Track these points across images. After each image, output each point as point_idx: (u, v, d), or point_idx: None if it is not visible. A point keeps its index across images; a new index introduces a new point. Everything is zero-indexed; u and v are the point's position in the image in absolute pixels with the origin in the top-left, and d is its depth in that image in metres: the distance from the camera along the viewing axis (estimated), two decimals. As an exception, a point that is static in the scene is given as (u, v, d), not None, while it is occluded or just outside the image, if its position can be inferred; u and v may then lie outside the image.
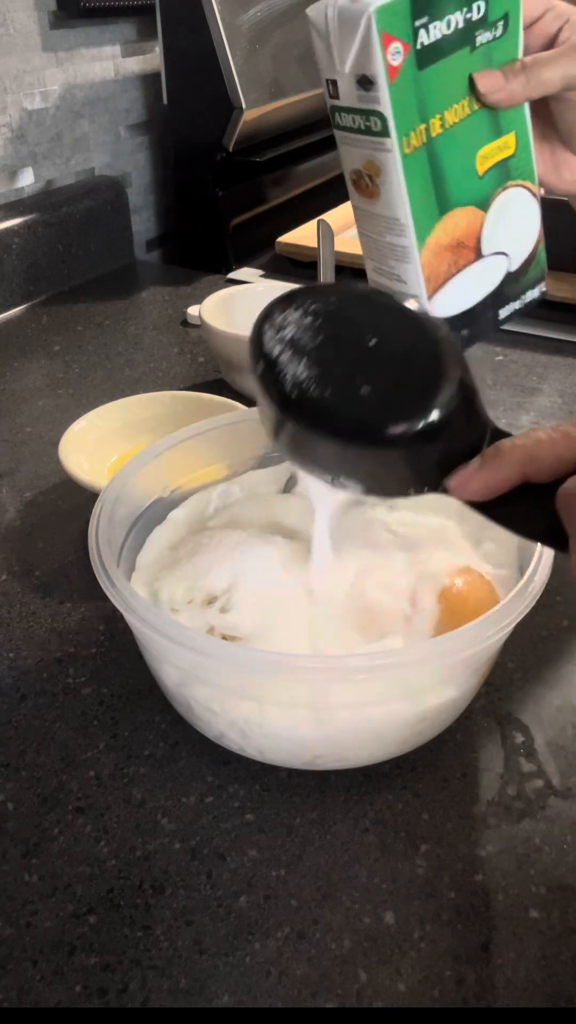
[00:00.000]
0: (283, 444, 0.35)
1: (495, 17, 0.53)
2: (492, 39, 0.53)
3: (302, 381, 0.32)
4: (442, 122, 0.53)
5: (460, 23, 0.52)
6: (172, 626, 0.36)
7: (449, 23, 0.51)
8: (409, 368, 0.33)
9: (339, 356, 0.33)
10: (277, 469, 0.53)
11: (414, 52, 0.51)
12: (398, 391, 0.32)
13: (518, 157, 0.57)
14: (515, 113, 0.56)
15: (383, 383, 0.32)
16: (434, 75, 0.52)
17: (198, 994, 0.33)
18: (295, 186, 1.16)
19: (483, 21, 0.53)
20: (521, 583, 0.37)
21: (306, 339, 0.33)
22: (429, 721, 0.40)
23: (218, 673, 0.37)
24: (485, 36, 0.53)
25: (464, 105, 0.54)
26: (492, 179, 0.57)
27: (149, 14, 0.98)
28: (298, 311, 0.34)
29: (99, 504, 0.43)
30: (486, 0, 0.52)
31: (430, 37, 0.51)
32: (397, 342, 0.34)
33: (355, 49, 0.50)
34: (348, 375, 0.32)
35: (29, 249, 0.93)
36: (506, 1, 0.53)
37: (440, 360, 0.32)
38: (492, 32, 0.53)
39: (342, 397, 0.32)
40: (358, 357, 0.33)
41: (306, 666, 0.35)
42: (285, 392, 0.32)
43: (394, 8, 0.49)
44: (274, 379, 0.32)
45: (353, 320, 0.34)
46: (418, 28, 0.50)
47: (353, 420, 0.31)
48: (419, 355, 0.33)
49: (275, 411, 0.33)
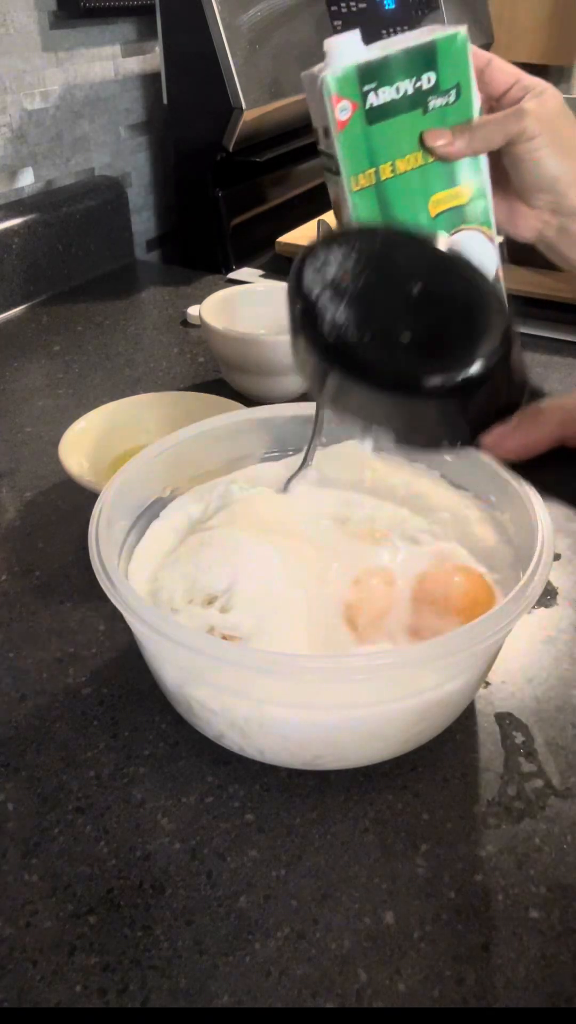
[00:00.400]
0: (314, 387, 0.33)
1: (447, 86, 0.63)
2: (445, 104, 0.64)
3: (341, 325, 0.31)
4: (393, 168, 0.65)
5: (410, 90, 0.62)
6: (172, 626, 0.36)
7: (398, 89, 0.62)
8: (452, 317, 0.31)
9: (381, 301, 0.32)
10: (276, 468, 0.53)
11: (363, 110, 0.62)
12: (439, 341, 0.30)
13: (472, 205, 0.67)
14: (471, 167, 0.65)
15: (425, 331, 0.30)
16: (385, 130, 0.63)
17: (198, 994, 0.33)
18: (295, 186, 1.16)
19: (435, 89, 0.63)
20: (520, 584, 0.37)
21: (348, 281, 0.32)
22: (429, 721, 0.40)
23: (218, 673, 0.37)
24: (438, 101, 0.63)
25: (417, 157, 0.65)
26: (444, 221, 0.68)
27: (149, 14, 0.98)
28: (341, 251, 0.32)
29: (99, 505, 0.43)
30: (436, 72, 0.62)
31: (379, 99, 0.62)
32: (442, 289, 0.32)
33: (317, 106, 0.63)
34: (389, 321, 0.31)
35: (29, 249, 0.93)
36: (458, 74, 0.64)
37: (485, 311, 0.31)
38: (445, 98, 0.64)
39: (381, 344, 0.30)
40: (400, 303, 0.31)
41: (306, 666, 0.35)
42: (323, 335, 0.30)
43: (344, 75, 0.60)
44: (312, 321, 0.31)
45: (398, 263, 0.33)
46: (367, 92, 0.62)
47: (390, 368, 0.30)
48: (463, 304, 0.31)
49: (310, 354, 0.31)
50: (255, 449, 0.53)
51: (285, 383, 0.72)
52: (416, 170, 0.66)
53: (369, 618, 0.42)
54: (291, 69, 0.99)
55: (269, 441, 0.53)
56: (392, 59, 0.63)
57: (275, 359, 0.70)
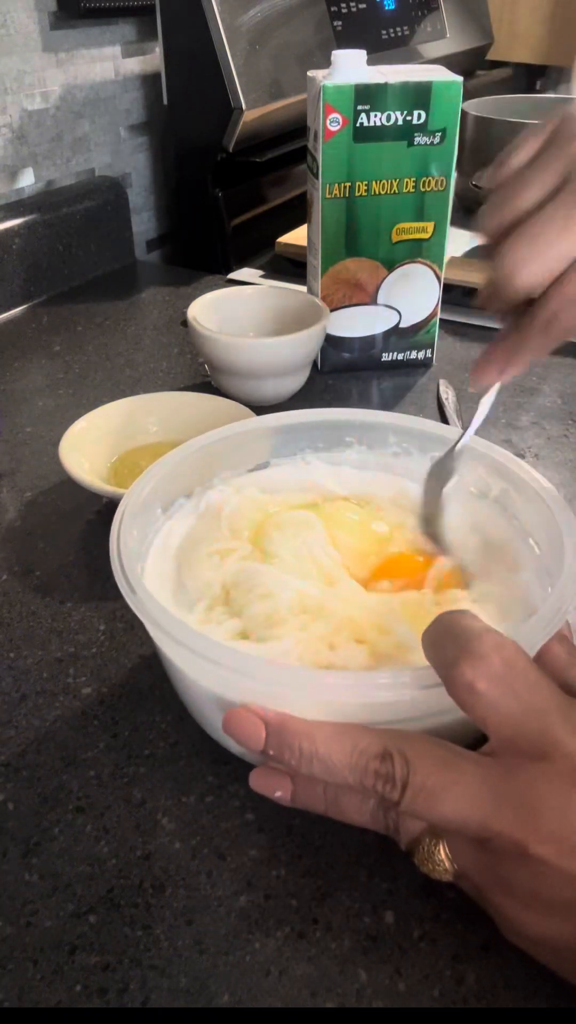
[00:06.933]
0: None
1: (434, 128, 0.68)
2: (429, 144, 0.69)
3: None
4: (368, 188, 0.70)
5: (399, 121, 0.67)
6: (200, 640, 0.35)
7: (389, 117, 0.67)
8: None
9: None
10: (285, 473, 0.52)
11: (352, 127, 0.67)
12: None
13: (432, 243, 0.74)
14: (439, 208, 0.72)
15: None
16: (368, 151, 0.68)
17: (198, 994, 0.33)
18: (295, 186, 1.16)
19: (423, 127, 0.68)
20: (543, 612, 0.36)
21: None
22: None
23: (247, 690, 0.35)
24: (423, 140, 0.68)
25: (394, 184, 0.70)
26: (403, 250, 0.74)
27: (149, 14, 0.98)
28: None
29: (119, 516, 0.41)
30: (426, 111, 0.67)
31: (369, 121, 0.67)
32: None
33: (312, 108, 0.68)
34: None
35: (29, 249, 0.93)
36: (445, 119, 0.68)
37: None
38: (430, 139, 0.69)
39: None
40: None
41: (336, 683, 0.34)
42: None
43: (341, 89, 0.65)
44: None
45: None
46: (360, 111, 0.66)
47: None
48: None
49: None
50: (264, 456, 0.52)
51: (269, 386, 0.72)
52: (390, 196, 0.71)
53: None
54: (291, 69, 0.99)
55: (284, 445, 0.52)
56: (390, 88, 0.67)
57: (259, 361, 0.70)
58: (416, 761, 0.31)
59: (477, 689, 0.30)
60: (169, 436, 0.63)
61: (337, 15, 1.09)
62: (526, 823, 0.29)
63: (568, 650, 0.37)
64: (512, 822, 0.29)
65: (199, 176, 1.03)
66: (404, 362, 0.81)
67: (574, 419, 0.72)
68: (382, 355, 0.80)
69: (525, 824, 0.29)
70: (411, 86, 0.66)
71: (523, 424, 0.72)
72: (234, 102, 0.93)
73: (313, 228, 0.74)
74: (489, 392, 0.45)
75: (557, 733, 0.30)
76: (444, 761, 0.31)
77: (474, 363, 0.45)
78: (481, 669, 0.30)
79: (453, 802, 0.30)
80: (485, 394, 0.45)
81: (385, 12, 1.21)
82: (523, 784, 0.30)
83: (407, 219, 0.72)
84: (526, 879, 0.29)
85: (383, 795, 0.31)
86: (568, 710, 0.31)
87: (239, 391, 0.71)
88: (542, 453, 0.68)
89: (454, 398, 0.74)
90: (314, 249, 0.75)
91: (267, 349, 0.70)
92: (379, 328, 0.78)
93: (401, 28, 1.25)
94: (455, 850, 0.32)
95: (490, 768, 0.31)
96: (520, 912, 0.31)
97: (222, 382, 0.73)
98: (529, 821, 0.29)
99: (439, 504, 0.46)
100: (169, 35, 0.95)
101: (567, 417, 0.73)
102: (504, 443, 0.68)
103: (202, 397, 0.65)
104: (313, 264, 0.77)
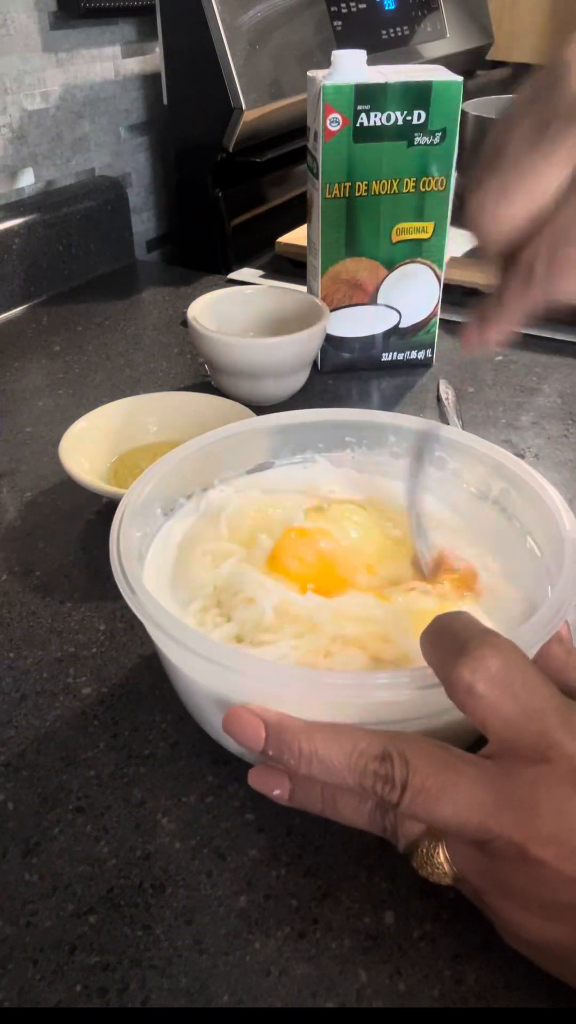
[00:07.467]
0: None
1: (434, 128, 0.68)
2: (429, 144, 0.68)
3: None
4: (368, 188, 0.70)
5: (400, 121, 0.67)
6: (200, 640, 0.35)
7: (389, 117, 0.67)
8: None
9: None
10: (288, 473, 0.52)
11: (352, 127, 0.67)
12: None
13: (432, 243, 0.74)
14: (439, 208, 0.72)
15: None
16: (368, 151, 0.68)
17: (198, 994, 0.33)
18: (295, 186, 1.16)
19: (423, 127, 0.68)
20: (542, 613, 0.36)
21: None
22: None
23: (246, 690, 0.35)
24: (423, 140, 0.68)
25: (395, 184, 0.70)
26: (403, 249, 0.74)
27: (149, 14, 0.98)
28: None
29: (119, 516, 0.41)
30: (426, 111, 0.67)
31: (369, 122, 0.67)
32: None
33: (312, 108, 0.68)
34: None
35: (29, 249, 0.93)
36: (445, 119, 0.68)
37: None
38: (429, 139, 0.68)
39: None
40: None
41: (335, 683, 0.34)
42: None
43: (341, 89, 0.65)
44: None
45: None
46: (360, 111, 0.66)
47: None
48: None
49: None
50: (263, 457, 0.52)
51: (269, 386, 0.72)
52: (390, 196, 0.71)
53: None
54: (291, 69, 0.99)
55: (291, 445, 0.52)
56: (390, 88, 0.66)
57: (259, 361, 0.70)
58: (416, 762, 0.31)
59: (476, 691, 0.30)
60: (169, 436, 0.63)
61: (337, 15, 1.09)
62: (526, 825, 0.29)
63: (567, 651, 0.37)
64: (512, 824, 0.29)
65: (199, 176, 1.03)
66: (404, 362, 0.81)
67: (574, 419, 0.73)
68: (382, 355, 0.80)
69: (525, 826, 0.29)
70: (411, 86, 0.66)
71: (523, 424, 0.72)
72: (234, 102, 0.92)
73: (313, 228, 0.74)
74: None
75: (557, 735, 0.30)
76: (444, 763, 0.31)
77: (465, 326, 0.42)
78: (480, 671, 0.30)
79: (452, 804, 0.30)
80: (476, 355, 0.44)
81: (385, 12, 1.21)
82: (523, 786, 0.30)
83: (407, 219, 0.72)
84: (525, 882, 0.29)
85: (382, 796, 0.31)
86: (567, 712, 0.31)
87: (239, 391, 0.71)
88: (542, 453, 0.68)
89: (454, 398, 0.75)
90: (314, 249, 0.76)
91: (267, 349, 0.70)
92: (379, 328, 0.78)
93: (401, 28, 1.25)
94: (454, 853, 0.32)
95: (490, 770, 0.31)
96: (519, 915, 0.31)
97: (222, 382, 0.73)
98: (529, 823, 0.29)
99: (419, 507, 0.47)
100: (169, 35, 0.95)
101: (567, 417, 0.73)
102: (504, 443, 0.68)
103: (202, 397, 0.65)
104: (313, 264, 0.77)
